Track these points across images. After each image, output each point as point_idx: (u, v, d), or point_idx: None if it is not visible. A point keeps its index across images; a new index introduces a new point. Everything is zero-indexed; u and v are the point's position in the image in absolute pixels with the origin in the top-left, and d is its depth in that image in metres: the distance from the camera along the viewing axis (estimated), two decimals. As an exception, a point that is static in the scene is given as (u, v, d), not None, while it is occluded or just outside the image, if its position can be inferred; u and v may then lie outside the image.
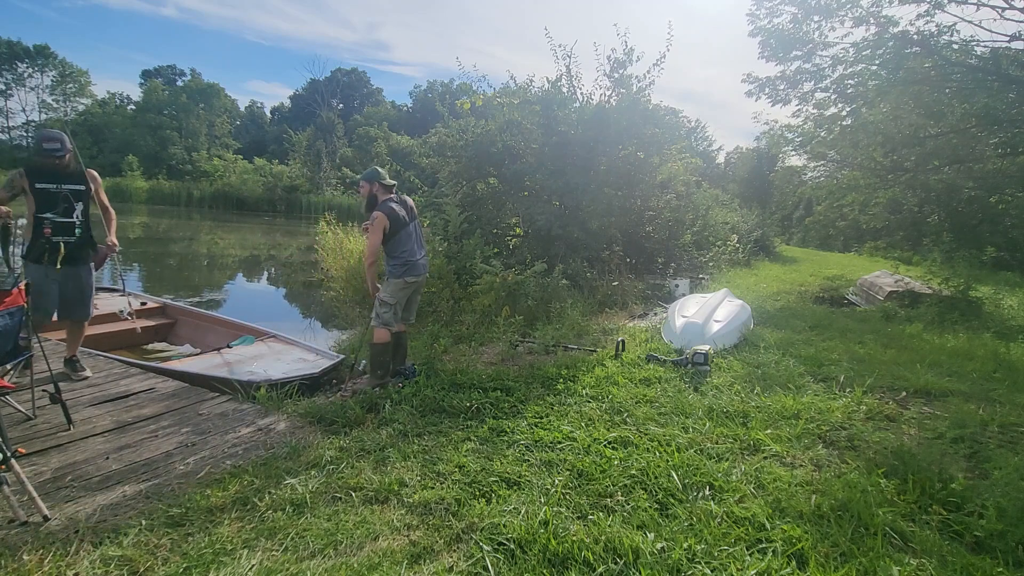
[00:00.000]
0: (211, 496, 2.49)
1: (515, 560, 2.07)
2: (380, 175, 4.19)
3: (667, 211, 11.55)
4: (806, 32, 11.49)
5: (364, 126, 53.14)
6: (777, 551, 2.13)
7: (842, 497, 2.51)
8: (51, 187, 3.63)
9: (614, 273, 8.91)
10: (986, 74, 10.48)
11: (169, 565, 2.02)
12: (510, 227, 9.31)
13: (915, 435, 3.43)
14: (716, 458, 2.94)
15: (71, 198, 3.71)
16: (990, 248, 13.78)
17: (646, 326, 6.60)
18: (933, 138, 13.01)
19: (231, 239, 21.75)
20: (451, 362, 4.74)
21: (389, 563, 2.04)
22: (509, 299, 6.49)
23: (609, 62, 8.62)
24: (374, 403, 3.74)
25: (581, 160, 8.36)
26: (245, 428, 3.36)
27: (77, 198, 3.75)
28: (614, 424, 3.41)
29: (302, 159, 44.57)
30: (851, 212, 27.40)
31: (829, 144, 14.70)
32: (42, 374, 3.56)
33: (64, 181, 3.69)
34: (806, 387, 4.23)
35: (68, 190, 3.70)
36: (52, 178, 3.65)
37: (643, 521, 2.32)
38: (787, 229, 37.26)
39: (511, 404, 3.72)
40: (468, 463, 2.83)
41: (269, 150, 52.68)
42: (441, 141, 9.01)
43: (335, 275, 8.75)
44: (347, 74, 67.72)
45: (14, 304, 3.09)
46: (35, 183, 3.60)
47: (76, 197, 3.74)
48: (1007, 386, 4.46)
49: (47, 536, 2.18)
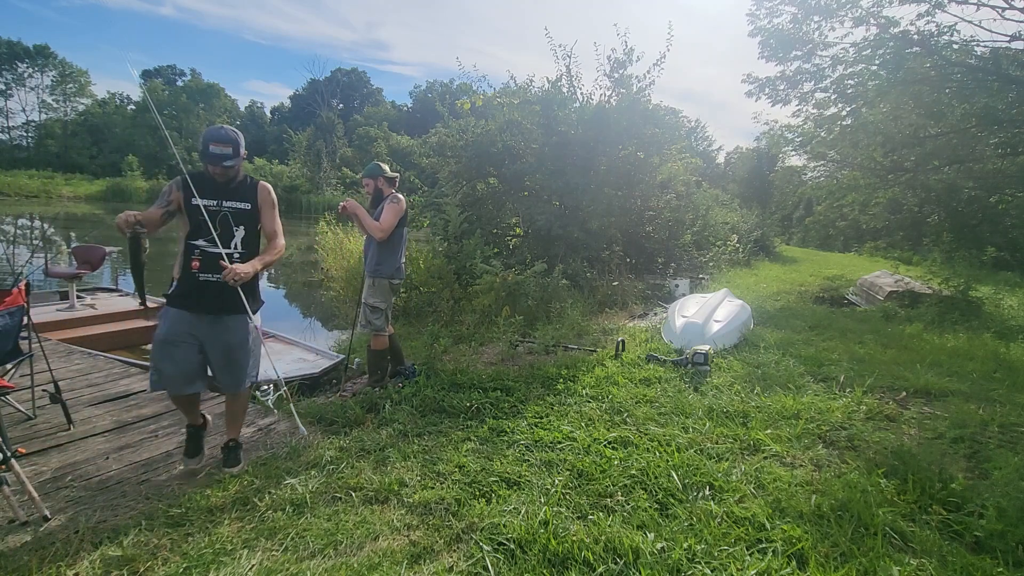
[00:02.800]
0: (211, 496, 2.49)
1: (515, 560, 2.07)
2: (382, 169, 4.13)
3: (667, 211, 11.56)
4: (806, 32, 11.50)
5: (364, 126, 53.18)
6: (777, 551, 2.13)
7: (842, 497, 2.51)
8: (211, 204, 2.66)
9: (614, 273, 8.91)
10: (986, 74, 10.48)
11: (169, 565, 2.02)
12: (510, 227, 9.32)
13: (915, 435, 3.43)
14: (716, 458, 2.94)
15: (231, 220, 2.70)
16: (990, 248, 13.78)
17: (646, 326, 6.60)
18: (933, 138, 13.01)
19: (231, 239, 21.68)
20: (451, 362, 4.74)
21: (389, 563, 2.04)
22: (509, 299, 6.49)
23: (609, 62, 8.63)
24: (374, 403, 3.74)
25: (581, 160, 8.36)
26: (245, 428, 3.35)
27: (239, 221, 2.72)
28: (614, 424, 3.40)
29: (302, 159, 44.60)
30: (851, 212, 27.43)
31: (829, 144, 14.70)
32: (42, 374, 3.56)
33: (227, 197, 2.71)
34: (806, 387, 4.22)
35: (229, 209, 2.70)
36: (213, 192, 2.68)
37: (643, 521, 2.32)
38: (787, 229, 37.27)
39: (511, 404, 3.72)
40: (468, 463, 2.83)
41: (269, 150, 52.73)
42: (441, 141, 9.02)
43: (335, 275, 8.75)
44: (347, 74, 67.81)
45: (14, 304, 3.09)
46: (191, 198, 2.64)
47: (237, 220, 2.72)
48: (1007, 386, 4.46)
49: (47, 536, 2.18)
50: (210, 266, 2.62)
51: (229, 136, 2.63)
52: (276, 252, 2.78)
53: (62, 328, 5.64)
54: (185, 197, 2.64)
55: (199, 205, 2.62)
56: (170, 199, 2.64)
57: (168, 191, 2.66)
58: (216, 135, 2.62)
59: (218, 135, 2.62)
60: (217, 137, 2.61)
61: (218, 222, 2.66)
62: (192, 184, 2.65)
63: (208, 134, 2.63)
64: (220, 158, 2.60)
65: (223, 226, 2.68)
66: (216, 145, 2.60)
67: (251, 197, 2.76)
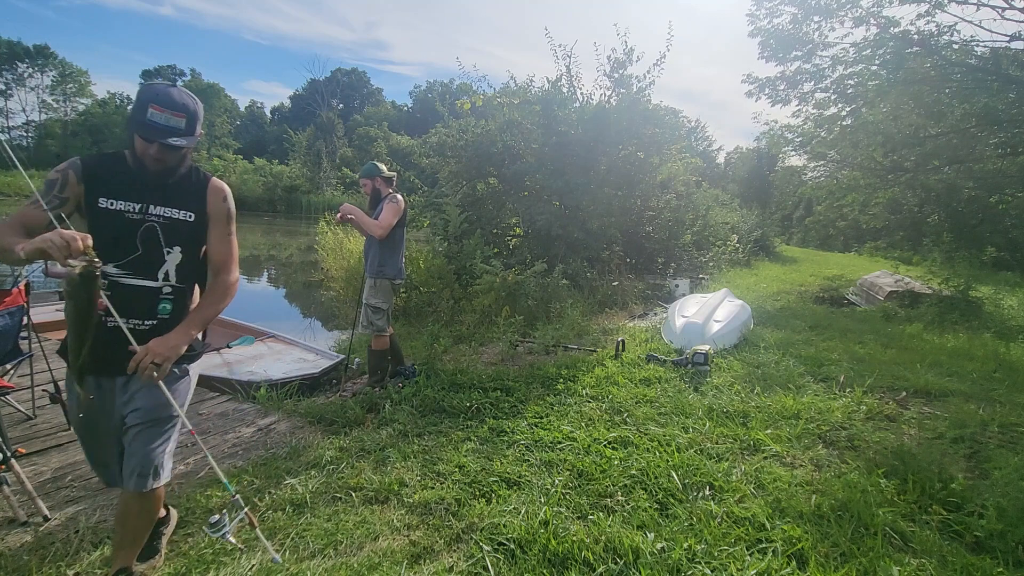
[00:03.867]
0: (211, 496, 2.49)
1: (515, 560, 2.07)
2: (379, 169, 4.13)
3: (667, 211, 11.56)
4: (806, 32, 11.51)
5: (364, 126, 53.22)
6: (777, 551, 2.13)
7: (842, 497, 2.51)
8: (132, 210, 1.70)
9: (614, 273, 8.91)
10: (986, 74, 10.48)
11: (169, 565, 2.02)
12: (510, 227, 9.32)
13: (915, 435, 3.43)
14: (716, 458, 2.94)
15: (161, 237, 1.74)
16: (990, 248, 13.82)
17: (646, 326, 6.60)
18: (933, 138, 13.01)
19: (231, 239, 21.69)
20: (451, 362, 4.74)
21: (389, 563, 2.04)
22: (509, 299, 6.49)
23: (609, 62, 8.63)
24: (374, 403, 3.74)
25: (581, 160, 8.36)
26: (245, 428, 3.36)
27: (173, 238, 1.76)
28: (614, 424, 3.40)
29: (302, 159, 44.61)
30: (851, 212, 27.45)
31: (829, 144, 14.70)
32: (42, 374, 3.56)
33: (159, 200, 1.74)
34: (806, 387, 4.22)
35: (160, 219, 1.73)
36: (137, 190, 1.71)
37: (643, 521, 2.32)
38: (787, 229, 37.29)
39: (511, 404, 3.72)
40: (468, 463, 2.83)
41: (269, 150, 52.77)
42: (441, 141, 9.01)
43: (335, 275, 8.75)
44: (347, 74, 67.85)
45: (14, 304, 3.09)
46: (98, 197, 1.68)
47: (171, 237, 1.76)
48: (1007, 386, 4.46)
49: (47, 536, 2.18)
50: (129, 305, 1.66)
51: (182, 101, 1.65)
52: (224, 297, 1.82)
53: (62, 328, 5.60)
54: (89, 193, 1.66)
55: (112, 210, 1.67)
56: (63, 193, 1.64)
57: (60, 179, 1.65)
58: (162, 96, 1.61)
59: (165, 97, 1.62)
60: (164, 99, 1.61)
61: (140, 238, 1.69)
62: (101, 173, 1.68)
63: (148, 93, 1.62)
64: (164, 131, 1.61)
65: (148, 245, 1.71)
66: (160, 111, 1.60)
67: (197, 203, 1.79)
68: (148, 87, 1.64)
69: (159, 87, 1.65)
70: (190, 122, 1.67)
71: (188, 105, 1.67)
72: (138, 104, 1.63)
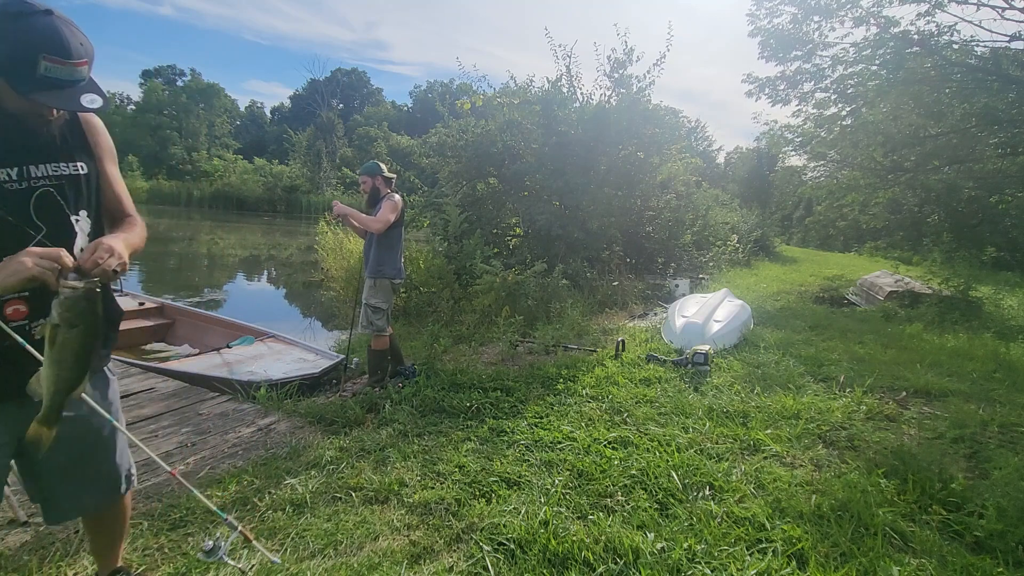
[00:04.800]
0: (211, 496, 2.49)
1: (515, 560, 2.07)
2: (380, 168, 4.17)
3: (667, 211, 11.57)
4: (806, 32, 11.50)
5: (364, 126, 53.20)
6: (777, 551, 2.13)
7: (842, 497, 2.51)
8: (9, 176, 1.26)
9: (614, 273, 8.91)
10: (986, 74, 10.49)
11: (169, 565, 2.02)
12: (510, 227, 9.32)
13: (915, 435, 3.43)
14: (716, 458, 2.94)
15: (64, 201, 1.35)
16: (990, 248, 13.82)
17: (646, 326, 6.60)
18: (933, 138, 13.01)
19: (231, 239, 21.75)
20: (451, 362, 4.74)
21: (389, 563, 2.04)
22: (509, 299, 6.49)
23: (609, 62, 8.63)
24: (374, 403, 3.74)
25: (581, 160, 8.36)
26: (245, 428, 3.36)
27: (76, 200, 1.38)
28: (614, 424, 3.40)
29: (302, 159, 44.61)
30: (851, 212, 27.44)
31: (829, 144, 14.70)
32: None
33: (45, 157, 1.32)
34: (806, 387, 4.22)
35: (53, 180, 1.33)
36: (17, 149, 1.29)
37: (643, 521, 2.32)
38: (787, 229, 37.29)
39: (511, 404, 3.72)
40: (468, 463, 2.83)
41: (269, 150, 52.74)
42: (441, 141, 9.02)
43: (335, 275, 8.75)
44: (347, 74, 67.82)
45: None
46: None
47: (73, 198, 1.37)
48: (1007, 386, 4.46)
49: (47, 536, 2.18)
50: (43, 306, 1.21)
51: (79, 42, 1.21)
52: (142, 231, 1.51)
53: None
54: None
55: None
56: None
57: None
58: (55, 42, 1.17)
59: (60, 43, 1.17)
60: (59, 47, 1.17)
61: (36, 212, 1.29)
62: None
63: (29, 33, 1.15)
64: (72, 92, 1.21)
65: (52, 218, 1.32)
66: (59, 64, 1.17)
67: (84, 148, 1.40)
68: (26, 23, 1.14)
69: (39, 22, 1.15)
70: (90, 66, 1.24)
71: (85, 45, 1.22)
72: (15, 48, 1.14)
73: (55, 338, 1.17)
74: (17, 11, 1.15)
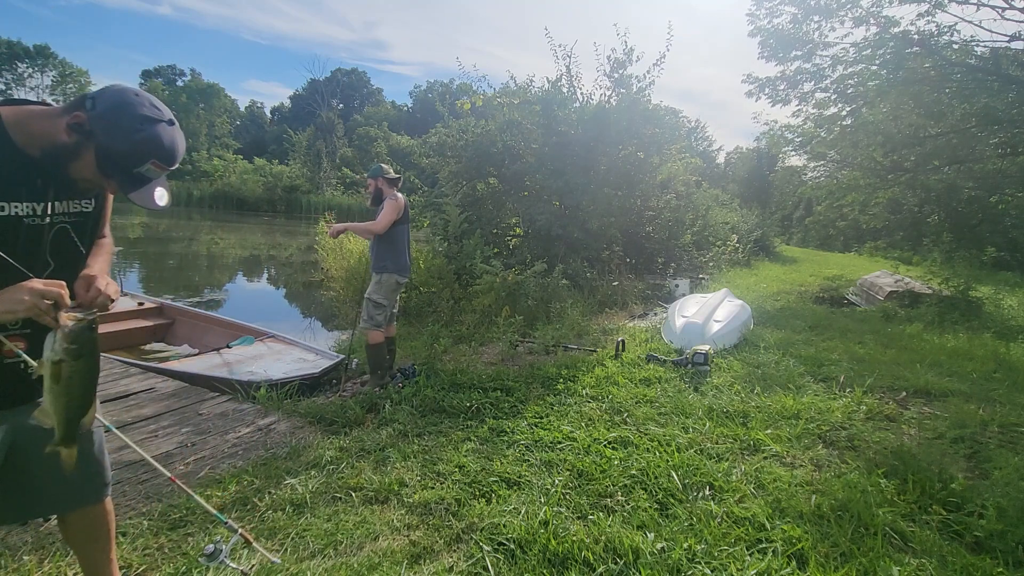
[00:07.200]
0: (211, 496, 2.49)
1: (515, 560, 2.07)
2: (384, 170, 4.34)
3: (667, 211, 11.57)
4: (806, 32, 11.50)
5: (364, 126, 53.22)
6: (777, 551, 2.13)
7: (842, 497, 2.51)
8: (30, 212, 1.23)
9: (614, 273, 8.92)
10: (986, 74, 10.48)
11: (169, 565, 2.02)
12: (510, 227, 9.32)
13: (915, 435, 3.43)
14: (716, 458, 2.94)
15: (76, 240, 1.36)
16: (990, 248, 13.82)
17: (646, 326, 6.60)
18: (933, 138, 13.01)
19: (231, 239, 21.75)
20: (451, 362, 4.74)
21: (389, 563, 2.04)
22: (509, 299, 6.49)
23: (609, 62, 8.63)
24: (374, 403, 3.74)
25: (581, 160, 8.36)
26: (245, 428, 3.36)
27: (83, 237, 1.38)
28: (614, 424, 3.40)
29: (302, 159, 44.62)
30: (851, 212, 27.45)
31: (829, 144, 14.69)
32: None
33: (63, 193, 1.29)
34: (806, 387, 4.22)
35: (69, 218, 1.33)
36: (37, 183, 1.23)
37: (643, 521, 2.32)
38: (787, 229, 37.30)
39: (511, 404, 3.72)
40: (468, 463, 2.83)
41: (269, 150, 52.71)
42: (441, 141, 9.02)
43: (335, 275, 8.75)
44: (347, 74, 67.85)
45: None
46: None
47: (81, 236, 1.37)
48: (1007, 386, 4.46)
49: (47, 536, 2.18)
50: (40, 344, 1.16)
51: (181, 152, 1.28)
52: (110, 247, 1.54)
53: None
54: None
55: (6, 216, 1.19)
56: None
57: None
58: (167, 151, 1.23)
59: (171, 152, 1.24)
60: (168, 156, 1.23)
61: (50, 248, 1.29)
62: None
63: (153, 141, 1.20)
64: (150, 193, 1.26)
65: (63, 254, 1.32)
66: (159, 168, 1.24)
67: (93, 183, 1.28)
68: (154, 129, 1.20)
69: (164, 132, 1.21)
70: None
71: (182, 153, 1.29)
72: (134, 148, 1.18)
73: (59, 373, 1.14)
74: (151, 116, 1.21)
